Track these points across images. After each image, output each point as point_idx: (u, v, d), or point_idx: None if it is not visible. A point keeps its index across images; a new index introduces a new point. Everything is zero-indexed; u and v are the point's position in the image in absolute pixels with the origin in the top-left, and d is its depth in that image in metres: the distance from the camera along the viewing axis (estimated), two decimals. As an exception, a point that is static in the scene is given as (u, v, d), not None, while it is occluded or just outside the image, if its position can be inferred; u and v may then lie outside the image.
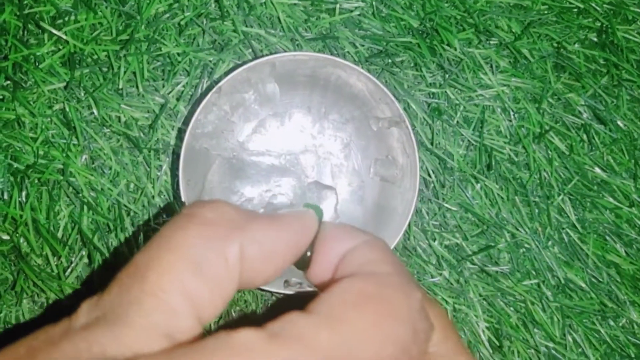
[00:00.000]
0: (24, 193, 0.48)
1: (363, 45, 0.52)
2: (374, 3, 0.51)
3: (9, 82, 0.48)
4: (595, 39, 0.55)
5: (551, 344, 0.53)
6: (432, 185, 0.53)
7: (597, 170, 0.55)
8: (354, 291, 0.21)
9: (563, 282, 0.53)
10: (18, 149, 0.48)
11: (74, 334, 0.19)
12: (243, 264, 0.22)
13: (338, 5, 0.51)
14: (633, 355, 0.54)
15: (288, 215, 0.24)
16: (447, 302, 0.53)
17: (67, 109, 0.48)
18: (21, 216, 0.47)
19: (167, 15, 0.49)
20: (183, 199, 0.44)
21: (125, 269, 0.21)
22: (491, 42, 0.53)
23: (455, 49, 0.52)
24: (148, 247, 0.21)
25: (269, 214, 0.24)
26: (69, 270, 0.49)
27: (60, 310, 0.49)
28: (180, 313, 0.20)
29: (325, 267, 0.24)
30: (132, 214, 0.49)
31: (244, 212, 0.23)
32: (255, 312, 0.50)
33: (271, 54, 0.47)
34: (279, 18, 0.50)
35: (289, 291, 0.44)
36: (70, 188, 0.48)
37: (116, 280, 0.21)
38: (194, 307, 0.20)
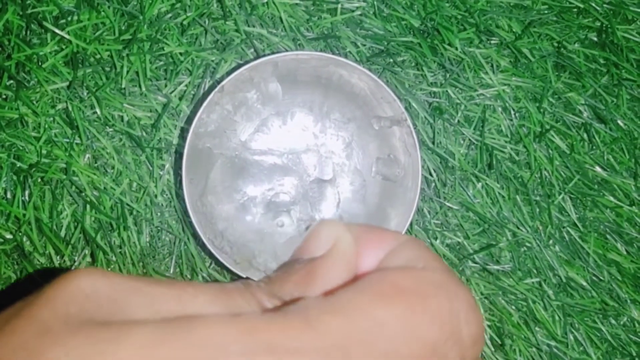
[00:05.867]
0: (27, 192, 0.48)
1: (364, 45, 0.52)
2: (375, 3, 0.52)
3: (12, 81, 0.48)
4: (595, 39, 0.56)
5: (553, 343, 0.53)
6: (434, 184, 0.53)
7: (598, 169, 0.55)
8: (385, 282, 0.19)
9: (564, 280, 0.54)
10: (21, 148, 0.48)
11: None
12: None
13: (339, 5, 0.51)
14: (634, 354, 0.54)
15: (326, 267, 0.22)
16: (448, 300, 0.53)
17: (70, 108, 0.48)
18: (24, 215, 0.47)
19: (170, 15, 0.49)
20: (185, 198, 0.44)
21: None
22: (492, 42, 0.54)
23: (456, 49, 0.52)
24: None
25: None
26: (72, 269, 0.49)
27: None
28: None
29: (368, 265, 0.22)
30: (134, 213, 0.49)
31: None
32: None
33: (273, 53, 0.48)
34: (280, 18, 0.51)
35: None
36: (73, 187, 0.49)
37: None
38: None
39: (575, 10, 0.55)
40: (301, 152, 0.50)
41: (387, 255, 0.22)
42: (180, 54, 0.49)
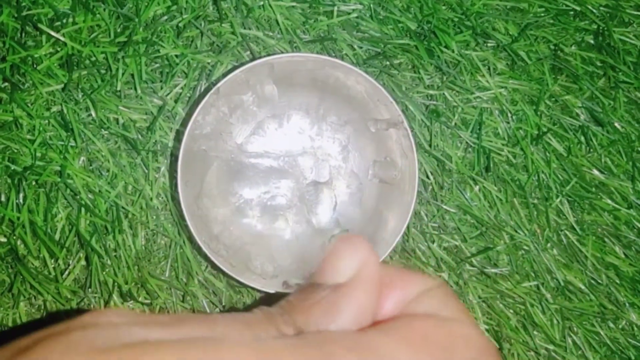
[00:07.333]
0: (21, 195, 0.47)
1: (361, 48, 0.52)
2: (371, 5, 0.52)
3: (6, 83, 0.47)
4: (592, 41, 0.56)
5: (551, 346, 0.53)
6: (431, 187, 0.53)
7: (595, 172, 0.55)
8: (412, 328, 0.18)
9: (562, 284, 0.53)
10: (15, 150, 0.48)
11: None
12: None
13: (336, 8, 0.51)
14: (633, 358, 0.54)
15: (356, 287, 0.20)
16: (446, 304, 0.52)
17: (65, 111, 0.48)
18: (18, 218, 0.47)
19: (165, 17, 0.49)
20: (181, 201, 0.44)
21: None
22: (488, 45, 0.54)
23: (453, 51, 0.52)
24: None
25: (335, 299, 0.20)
26: (67, 272, 0.49)
27: (57, 313, 0.49)
28: None
29: (391, 309, 0.21)
30: (130, 216, 0.49)
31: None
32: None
33: (269, 55, 0.47)
34: (277, 20, 0.50)
35: (289, 291, 0.44)
36: (68, 190, 0.48)
37: None
38: None
39: (571, 13, 0.55)
40: (297, 155, 0.50)
41: (413, 299, 0.21)
42: (176, 56, 0.49)
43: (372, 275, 0.21)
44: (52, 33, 0.47)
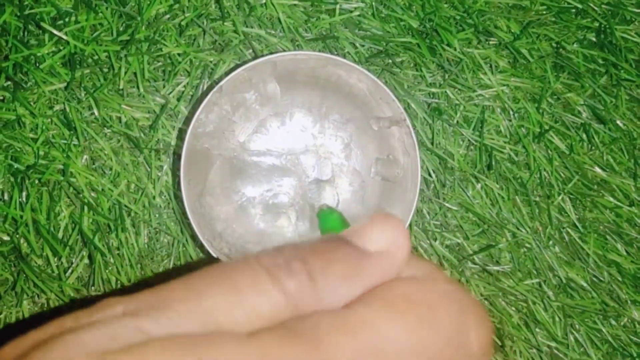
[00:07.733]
0: (24, 194, 0.47)
1: (363, 46, 0.52)
2: (373, 4, 0.52)
3: (9, 82, 0.48)
4: (594, 39, 0.56)
5: (553, 344, 0.53)
6: (433, 185, 0.53)
7: (597, 169, 0.55)
8: (394, 294, 0.19)
9: (564, 281, 0.53)
10: (18, 149, 0.48)
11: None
12: None
13: (338, 6, 0.51)
14: (635, 355, 0.54)
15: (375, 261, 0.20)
16: (448, 302, 0.52)
17: (68, 110, 0.48)
18: (21, 217, 0.47)
19: (168, 16, 0.49)
20: (184, 199, 0.44)
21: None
22: (490, 42, 0.54)
23: (455, 49, 0.52)
24: None
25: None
26: (70, 271, 0.49)
27: (60, 312, 0.49)
28: None
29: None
30: (132, 214, 0.49)
31: None
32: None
33: (271, 54, 0.47)
34: (279, 19, 0.50)
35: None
36: (71, 188, 0.48)
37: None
38: None
39: (573, 10, 0.55)
40: (300, 153, 0.50)
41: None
42: (179, 54, 0.49)
43: (400, 257, 0.20)
44: (55, 32, 0.47)
